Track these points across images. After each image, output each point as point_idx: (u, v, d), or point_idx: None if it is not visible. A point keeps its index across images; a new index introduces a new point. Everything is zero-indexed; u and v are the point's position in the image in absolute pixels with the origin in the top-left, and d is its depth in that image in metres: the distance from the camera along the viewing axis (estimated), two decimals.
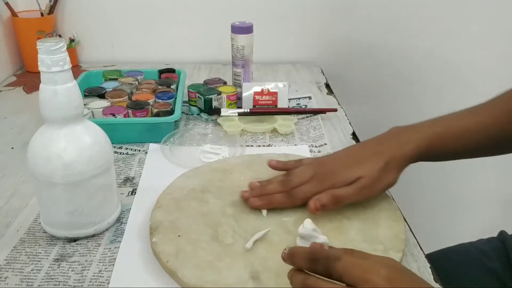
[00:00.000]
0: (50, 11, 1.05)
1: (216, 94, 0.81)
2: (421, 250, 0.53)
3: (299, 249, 0.40)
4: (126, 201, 0.60)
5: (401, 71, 1.18)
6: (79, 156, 0.48)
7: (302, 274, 0.39)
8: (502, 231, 0.75)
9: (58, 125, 0.48)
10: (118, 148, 0.73)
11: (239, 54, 0.84)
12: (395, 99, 1.22)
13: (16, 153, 0.72)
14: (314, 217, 0.51)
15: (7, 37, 1.04)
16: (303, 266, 0.39)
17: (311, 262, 0.38)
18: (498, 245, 0.72)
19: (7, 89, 0.98)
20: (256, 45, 0.85)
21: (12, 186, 0.63)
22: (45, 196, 0.51)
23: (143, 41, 1.14)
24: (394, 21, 1.13)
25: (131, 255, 0.50)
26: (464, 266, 0.71)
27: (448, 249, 0.76)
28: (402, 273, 0.37)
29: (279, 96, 0.84)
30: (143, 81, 0.89)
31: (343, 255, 0.37)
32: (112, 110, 0.75)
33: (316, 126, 0.82)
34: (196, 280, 0.45)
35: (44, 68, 0.45)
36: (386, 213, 0.56)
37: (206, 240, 0.50)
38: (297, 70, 1.13)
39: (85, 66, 1.11)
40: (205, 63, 1.14)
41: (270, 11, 1.12)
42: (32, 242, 0.52)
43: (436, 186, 1.31)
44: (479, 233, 0.78)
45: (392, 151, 0.54)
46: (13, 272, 0.48)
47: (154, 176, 0.65)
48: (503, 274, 0.68)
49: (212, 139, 0.76)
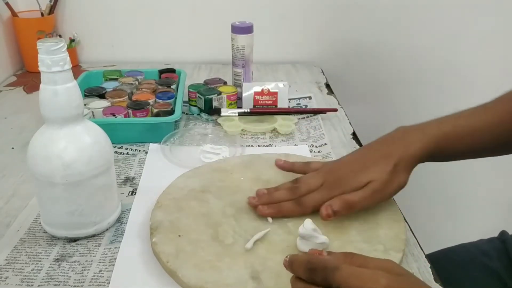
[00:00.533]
0: (50, 11, 1.05)
1: (216, 94, 0.81)
2: (422, 250, 0.53)
3: (298, 258, 0.40)
4: (126, 201, 0.60)
5: (401, 71, 1.18)
6: (79, 156, 0.48)
7: (301, 282, 0.39)
8: (503, 231, 0.75)
9: (58, 125, 0.48)
10: (118, 148, 0.73)
11: (239, 54, 0.84)
12: (395, 99, 1.21)
13: (16, 153, 0.72)
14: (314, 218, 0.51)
15: (7, 37, 1.04)
16: (302, 276, 0.39)
17: (309, 272, 0.38)
18: (499, 245, 0.72)
19: (7, 89, 0.98)
20: (256, 45, 0.85)
21: (12, 186, 0.63)
22: (45, 196, 0.51)
23: (143, 41, 1.14)
24: (394, 21, 1.13)
25: (131, 255, 0.50)
26: (465, 266, 0.71)
27: (449, 249, 0.76)
28: (402, 280, 0.36)
29: (279, 96, 0.84)
30: (143, 81, 0.89)
31: (342, 265, 0.36)
32: (112, 110, 0.75)
33: (316, 126, 0.82)
34: (196, 280, 0.45)
35: (44, 68, 0.45)
36: (387, 213, 0.56)
37: (206, 240, 0.50)
38: (297, 70, 1.13)
39: (85, 66, 1.11)
40: (205, 63, 1.14)
41: (270, 11, 1.12)
42: (33, 242, 0.52)
43: (436, 186, 1.31)
44: (479, 233, 0.78)
45: (400, 152, 0.53)
46: (13, 272, 0.48)
47: (154, 176, 0.65)
48: (504, 274, 0.68)
49: (212, 139, 0.76)
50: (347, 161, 0.57)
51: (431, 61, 1.17)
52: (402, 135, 0.56)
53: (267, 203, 0.54)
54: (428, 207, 1.33)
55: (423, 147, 0.54)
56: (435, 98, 1.19)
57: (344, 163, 0.57)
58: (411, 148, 0.54)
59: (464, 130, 0.56)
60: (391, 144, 0.55)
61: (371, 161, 0.54)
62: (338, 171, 0.55)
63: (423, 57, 1.16)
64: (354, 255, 0.39)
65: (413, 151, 0.53)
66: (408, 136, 0.55)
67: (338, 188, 0.53)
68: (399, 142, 0.55)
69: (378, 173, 0.52)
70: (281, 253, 0.48)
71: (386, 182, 0.52)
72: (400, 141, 0.55)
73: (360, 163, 0.55)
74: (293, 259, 0.39)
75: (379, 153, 0.55)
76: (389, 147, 0.55)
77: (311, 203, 0.53)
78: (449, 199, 1.34)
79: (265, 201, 0.55)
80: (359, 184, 0.52)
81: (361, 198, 0.52)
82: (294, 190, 0.55)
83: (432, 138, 0.54)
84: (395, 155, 0.53)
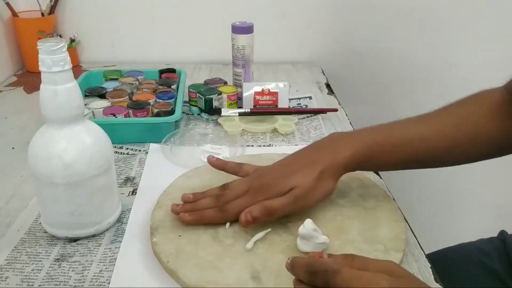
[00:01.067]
0: (50, 11, 1.05)
1: (217, 94, 0.81)
2: (422, 250, 0.53)
3: (299, 260, 0.39)
4: (126, 201, 0.60)
5: (401, 71, 1.18)
6: (79, 156, 0.48)
7: (303, 285, 0.39)
8: (502, 230, 0.75)
9: (58, 125, 0.48)
10: (119, 148, 0.73)
11: (240, 54, 0.84)
12: (396, 99, 1.21)
13: (17, 153, 0.72)
14: (314, 218, 0.52)
15: (8, 37, 1.04)
16: (303, 278, 0.39)
17: (310, 275, 0.38)
18: (498, 245, 0.72)
19: (7, 89, 0.98)
20: (256, 45, 0.85)
21: (12, 186, 0.63)
22: (45, 196, 0.51)
23: (143, 41, 1.14)
24: (394, 21, 1.13)
25: (132, 255, 0.50)
26: (465, 266, 0.71)
27: (449, 249, 0.76)
28: (403, 282, 0.36)
29: (280, 96, 0.84)
30: (144, 81, 0.89)
31: (342, 268, 0.36)
32: (112, 110, 0.75)
33: (316, 126, 0.82)
34: (196, 280, 0.45)
35: (44, 68, 0.45)
36: (387, 213, 0.56)
37: (207, 240, 0.50)
38: (297, 70, 1.13)
39: (86, 66, 1.11)
40: (205, 63, 1.14)
41: (270, 11, 1.12)
42: (33, 242, 0.52)
43: (436, 186, 1.31)
44: (479, 233, 0.78)
45: (327, 159, 0.53)
46: (13, 272, 0.48)
47: (154, 176, 0.65)
48: (503, 274, 0.68)
49: (212, 139, 0.76)
50: (275, 167, 0.56)
51: (431, 61, 1.17)
52: (333, 141, 0.56)
53: (190, 211, 0.53)
54: (428, 207, 1.33)
55: (351, 155, 0.53)
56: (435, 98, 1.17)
57: (272, 168, 0.56)
58: (339, 155, 0.53)
59: (397, 139, 0.55)
60: (320, 150, 0.55)
61: (297, 167, 0.53)
62: (264, 177, 0.54)
63: (423, 57, 1.16)
64: (355, 257, 0.39)
65: (341, 159, 0.53)
66: (338, 142, 0.55)
67: (262, 194, 0.52)
68: (328, 149, 0.54)
69: (302, 180, 0.51)
70: (281, 253, 0.48)
71: (310, 188, 0.51)
72: (330, 148, 0.54)
73: (287, 169, 0.54)
74: (294, 262, 0.39)
75: (306, 159, 0.54)
76: (318, 153, 0.54)
77: (234, 210, 0.52)
78: (449, 199, 1.34)
79: (188, 208, 0.53)
80: (283, 190, 0.51)
81: (281, 204, 0.51)
82: (219, 197, 0.54)
83: (362, 146, 0.53)
84: (322, 162, 0.52)
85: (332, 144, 0.55)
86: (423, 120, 0.57)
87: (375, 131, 0.56)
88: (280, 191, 0.51)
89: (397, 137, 0.55)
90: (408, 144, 0.55)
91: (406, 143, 0.55)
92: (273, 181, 0.53)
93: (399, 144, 0.55)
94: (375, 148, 0.54)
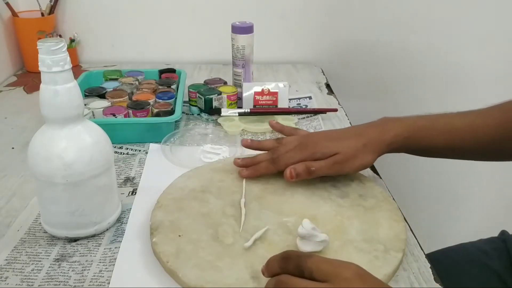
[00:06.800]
0: (50, 11, 1.05)
1: (217, 94, 0.81)
2: (422, 250, 0.53)
3: (272, 256, 0.42)
4: (126, 201, 0.60)
5: (401, 71, 1.18)
6: (79, 156, 0.48)
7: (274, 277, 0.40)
8: (503, 230, 0.75)
9: (58, 125, 0.48)
10: (119, 148, 0.73)
11: (240, 54, 0.84)
12: (396, 99, 1.21)
13: (17, 153, 0.72)
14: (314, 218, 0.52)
15: (8, 37, 1.04)
16: (276, 268, 0.41)
17: (283, 261, 0.40)
18: (499, 244, 0.72)
19: (7, 89, 0.98)
20: (256, 45, 0.85)
21: (12, 186, 0.63)
22: (45, 196, 0.51)
23: (143, 41, 1.14)
24: (394, 21, 1.13)
25: (132, 255, 0.50)
26: (465, 266, 0.71)
27: (449, 249, 0.76)
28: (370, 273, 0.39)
29: (280, 96, 0.84)
30: (144, 81, 0.89)
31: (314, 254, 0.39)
32: (112, 110, 0.75)
33: (316, 126, 0.82)
34: (197, 280, 0.45)
35: (44, 68, 0.45)
36: (387, 213, 0.56)
37: (207, 240, 0.50)
38: (297, 70, 1.13)
39: (86, 66, 1.11)
40: (205, 63, 1.14)
41: (270, 11, 1.12)
42: (33, 242, 0.52)
43: (436, 186, 1.31)
44: (479, 233, 0.78)
45: (373, 135, 0.58)
46: (13, 272, 0.48)
47: (154, 176, 0.65)
48: (504, 274, 0.68)
49: (212, 139, 0.76)
50: (327, 132, 0.64)
51: (431, 61, 1.17)
52: (382, 122, 0.60)
53: (248, 165, 0.61)
54: (428, 207, 1.33)
55: (396, 134, 0.57)
56: (436, 98, 1.19)
57: (323, 132, 0.64)
58: (385, 134, 0.58)
59: (443, 125, 0.58)
60: (369, 127, 0.60)
61: (345, 136, 0.59)
62: (314, 137, 0.61)
63: (423, 57, 1.16)
64: None
65: (385, 137, 0.57)
66: (387, 123, 0.59)
67: (309, 150, 0.58)
68: (376, 127, 0.59)
69: (345, 147, 0.57)
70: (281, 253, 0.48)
71: (350, 157, 0.57)
72: (377, 126, 0.59)
73: (335, 136, 0.60)
74: (269, 260, 0.42)
75: (354, 131, 0.60)
76: (366, 129, 0.60)
77: (284, 161, 0.58)
78: (449, 199, 1.34)
79: (247, 162, 0.62)
80: (327, 152, 0.57)
81: (321, 166, 0.57)
82: (274, 150, 0.61)
83: (407, 127, 0.58)
84: (367, 136, 0.58)
85: (381, 123, 0.60)
86: (472, 112, 0.60)
87: (424, 117, 0.59)
88: (324, 152, 0.57)
89: (444, 123, 0.59)
90: (455, 132, 0.58)
91: (453, 130, 0.58)
92: (320, 141, 0.59)
93: (445, 131, 0.58)
94: (421, 131, 0.58)
